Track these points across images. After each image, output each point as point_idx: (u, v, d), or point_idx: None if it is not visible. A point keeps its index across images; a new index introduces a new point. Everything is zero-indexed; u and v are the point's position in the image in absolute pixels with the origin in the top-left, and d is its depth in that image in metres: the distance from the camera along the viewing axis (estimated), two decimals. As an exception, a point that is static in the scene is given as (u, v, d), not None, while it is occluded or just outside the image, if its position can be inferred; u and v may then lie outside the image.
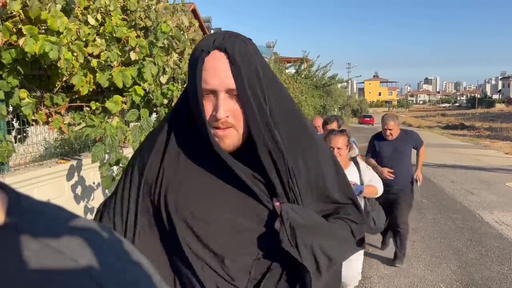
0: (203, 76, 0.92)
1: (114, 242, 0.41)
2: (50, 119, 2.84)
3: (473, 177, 9.79)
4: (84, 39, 2.71)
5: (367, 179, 3.22)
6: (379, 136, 4.83)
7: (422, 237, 5.61)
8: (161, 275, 0.43)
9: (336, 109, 23.04)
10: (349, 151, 3.15)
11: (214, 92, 0.93)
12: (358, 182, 3.17)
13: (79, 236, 0.38)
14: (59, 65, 2.36)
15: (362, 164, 3.36)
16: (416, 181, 4.82)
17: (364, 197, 3.20)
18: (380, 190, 3.21)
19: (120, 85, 2.79)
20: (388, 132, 4.67)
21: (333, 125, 4.28)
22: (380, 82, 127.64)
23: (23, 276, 0.33)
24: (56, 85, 2.85)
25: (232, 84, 0.92)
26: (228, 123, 0.94)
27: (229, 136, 0.95)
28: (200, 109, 0.94)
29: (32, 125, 3.14)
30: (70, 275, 0.34)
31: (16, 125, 3.14)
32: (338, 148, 3.10)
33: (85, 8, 2.95)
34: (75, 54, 2.53)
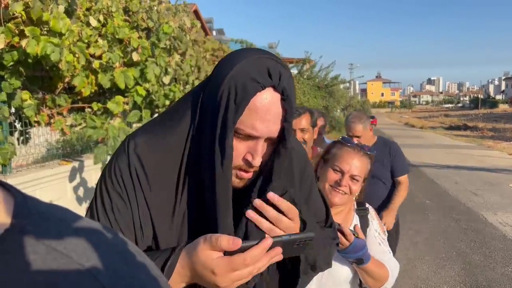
0: (250, 116, 0.79)
1: (120, 244, 0.41)
2: (52, 120, 2.84)
3: (476, 178, 9.75)
4: (86, 41, 2.71)
5: (376, 248, 1.57)
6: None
7: (426, 239, 5.58)
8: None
9: (338, 110, 23.02)
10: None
11: (254, 137, 0.82)
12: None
13: (85, 239, 0.37)
14: (60, 67, 2.36)
15: (372, 212, 1.70)
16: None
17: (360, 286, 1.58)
18: (390, 279, 1.52)
19: (122, 86, 2.79)
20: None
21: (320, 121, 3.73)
22: (383, 82, 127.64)
23: (29, 280, 0.33)
24: (58, 87, 2.85)
25: (276, 132, 0.83)
26: (257, 167, 0.86)
27: (250, 176, 0.88)
28: (226, 151, 0.80)
29: (34, 126, 3.14)
30: (76, 279, 0.34)
31: (18, 126, 3.15)
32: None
33: (87, 9, 2.95)
34: (76, 55, 2.52)
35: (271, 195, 0.85)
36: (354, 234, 1.37)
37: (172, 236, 0.87)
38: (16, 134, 3.17)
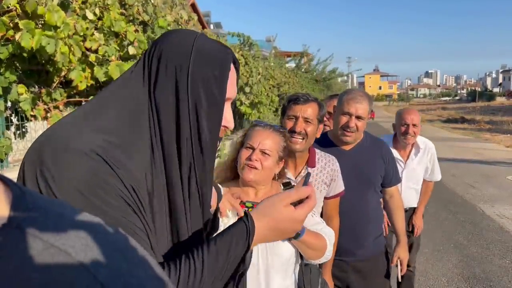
0: (228, 85, 0.90)
1: (120, 240, 0.40)
2: (48, 115, 2.83)
3: (474, 171, 9.78)
4: (82, 34, 2.69)
5: (310, 220, 1.60)
6: (323, 140, 2.30)
7: (423, 231, 5.58)
8: None
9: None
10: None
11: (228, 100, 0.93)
12: None
13: (84, 235, 0.37)
14: (55, 60, 2.34)
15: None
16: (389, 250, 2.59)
17: (301, 262, 1.60)
18: (329, 247, 1.53)
19: (117, 80, 2.77)
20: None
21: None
22: (381, 76, 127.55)
23: (26, 277, 0.32)
24: (55, 81, 2.83)
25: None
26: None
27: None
28: (221, 119, 0.90)
29: (31, 120, 3.12)
30: (74, 276, 0.34)
31: (15, 120, 3.13)
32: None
33: (83, 2, 2.92)
34: (72, 48, 2.50)
35: None
36: None
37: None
38: (13, 129, 3.15)
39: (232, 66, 0.91)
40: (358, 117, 2.19)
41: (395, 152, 3.11)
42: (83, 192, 0.68)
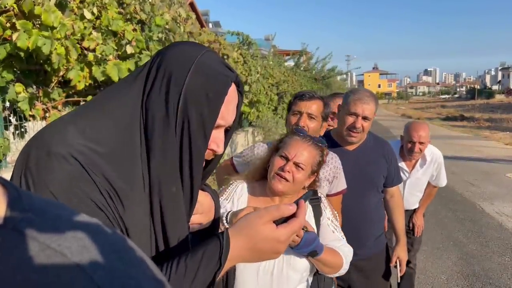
0: (222, 109, 0.84)
1: (118, 241, 0.40)
2: (47, 114, 2.82)
3: (473, 169, 9.78)
4: (79, 34, 2.68)
5: (330, 235, 1.61)
6: (326, 139, 2.09)
7: (423, 229, 5.61)
8: None
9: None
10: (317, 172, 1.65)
11: (219, 127, 0.87)
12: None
13: (81, 236, 0.36)
14: (51, 60, 2.34)
15: (325, 201, 1.74)
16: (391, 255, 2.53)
17: (316, 272, 1.59)
18: (344, 265, 1.55)
19: (115, 79, 2.76)
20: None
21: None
22: (380, 74, 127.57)
23: (22, 279, 0.32)
24: (53, 80, 2.82)
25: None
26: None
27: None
28: (206, 143, 0.84)
29: (29, 120, 3.12)
30: (70, 278, 0.33)
31: (13, 120, 3.13)
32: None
33: (81, 2, 2.91)
34: (68, 49, 2.50)
35: None
36: (303, 229, 1.38)
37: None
38: (12, 129, 3.15)
39: (234, 91, 0.86)
40: (364, 118, 2.16)
41: (400, 162, 3.07)
42: (56, 196, 0.68)
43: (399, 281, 2.76)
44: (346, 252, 1.56)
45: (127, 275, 0.37)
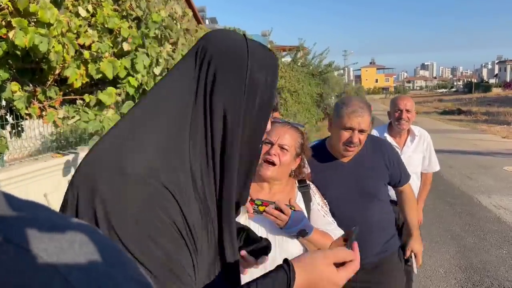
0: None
1: (98, 242, 0.39)
2: (44, 113, 2.81)
3: (470, 162, 9.81)
4: (75, 31, 2.67)
5: (321, 220, 1.69)
6: (320, 151, 2.16)
7: (421, 223, 5.63)
8: None
9: (333, 97, 22.97)
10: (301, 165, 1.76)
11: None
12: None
13: (59, 237, 0.36)
14: (49, 58, 2.33)
15: (314, 188, 1.80)
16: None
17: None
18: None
19: (110, 76, 2.75)
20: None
21: None
22: (377, 69, 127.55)
23: None
24: (49, 79, 2.81)
25: None
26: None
27: None
28: (265, 125, 0.85)
29: (26, 119, 3.11)
30: (46, 280, 0.33)
31: (10, 119, 3.11)
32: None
33: (76, -1, 2.90)
34: (66, 46, 2.49)
35: None
36: (290, 208, 1.47)
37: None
38: (8, 127, 3.14)
39: None
40: (361, 131, 2.03)
41: (390, 139, 3.15)
42: (139, 221, 0.64)
43: (416, 272, 2.77)
44: (338, 234, 1.64)
45: (106, 275, 0.36)
